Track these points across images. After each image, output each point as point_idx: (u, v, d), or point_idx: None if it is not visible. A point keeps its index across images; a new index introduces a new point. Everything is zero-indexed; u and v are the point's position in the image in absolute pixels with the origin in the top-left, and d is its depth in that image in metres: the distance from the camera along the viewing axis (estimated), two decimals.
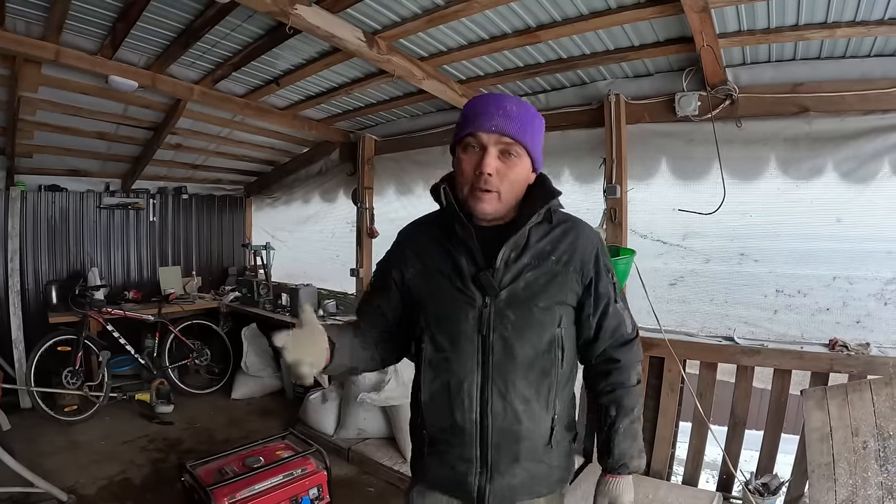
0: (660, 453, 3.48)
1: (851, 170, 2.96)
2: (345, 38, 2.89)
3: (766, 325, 3.27)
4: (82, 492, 3.49)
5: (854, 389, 2.76)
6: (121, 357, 5.33)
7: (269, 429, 4.44)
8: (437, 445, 1.44)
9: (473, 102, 1.42)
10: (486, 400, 1.37)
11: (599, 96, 3.62)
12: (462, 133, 1.37)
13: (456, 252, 1.41)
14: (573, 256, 1.43)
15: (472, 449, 1.39)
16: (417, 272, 1.47)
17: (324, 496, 2.92)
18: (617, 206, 3.52)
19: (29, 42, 3.06)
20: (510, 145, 1.34)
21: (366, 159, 5.24)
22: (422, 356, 1.44)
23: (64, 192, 5.69)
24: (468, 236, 1.38)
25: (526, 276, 1.38)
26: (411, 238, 1.54)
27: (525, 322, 1.37)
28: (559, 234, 1.44)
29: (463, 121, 1.39)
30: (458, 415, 1.38)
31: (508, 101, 1.38)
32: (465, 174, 1.37)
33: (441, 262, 1.43)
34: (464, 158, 1.37)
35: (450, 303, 1.40)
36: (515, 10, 2.78)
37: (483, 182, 1.33)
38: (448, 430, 1.41)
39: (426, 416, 1.45)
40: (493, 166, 1.33)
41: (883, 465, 2.58)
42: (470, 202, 1.36)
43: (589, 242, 1.47)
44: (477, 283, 1.37)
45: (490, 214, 1.38)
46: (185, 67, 3.72)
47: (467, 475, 1.40)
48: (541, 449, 1.42)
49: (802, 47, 2.94)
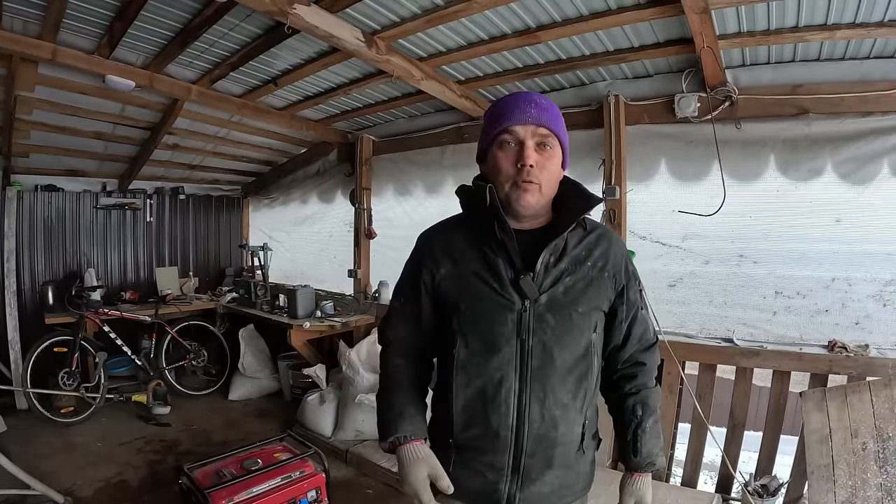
0: None
1: (851, 171, 2.96)
2: (343, 38, 2.88)
3: (765, 327, 3.26)
4: (79, 494, 3.47)
5: (853, 391, 2.77)
6: (117, 358, 5.31)
7: (267, 430, 4.43)
8: (466, 453, 1.40)
9: (502, 101, 1.41)
10: (524, 405, 1.34)
11: (599, 97, 3.62)
12: (496, 129, 1.36)
13: (493, 255, 1.37)
14: (607, 263, 1.44)
15: (504, 456, 1.36)
16: (449, 273, 1.42)
17: (322, 498, 2.90)
18: (616, 207, 3.52)
19: (25, 41, 3.05)
20: (546, 137, 1.35)
21: (364, 160, 5.23)
22: (454, 361, 1.39)
23: (60, 192, 5.66)
24: (509, 238, 1.34)
25: (565, 280, 1.38)
26: (440, 238, 1.48)
27: (565, 327, 1.36)
28: (593, 240, 1.45)
29: (493, 119, 1.38)
30: (494, 420, 1.35)
31: (536, 95, 1.39)
32: (505, 170, 1.35)
33: (477, 265, 1.39)
34: (500, 156, 1.36)
35: (487, 305, 1.36)
36: (515, 11, 2.78)
37: (526, 173, 1.32)
38: (480, 437, 1.37)
39: (457, 424, 1.39)
40: (534, 157, 1.32)
41: (882, 466, 2.58)
42: (512, 197, 1.34)
43: (620, 250, 1.49)
44: (516, 287, 1.35)
45: (533, 207, 1.36)
46: (183, 67, 3.71)
47: (498, 483, 1.38)
48: (572, 455, 1.42)
49: (802, 49, 2.95)
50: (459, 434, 1.39)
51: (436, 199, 4.68)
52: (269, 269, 6.15)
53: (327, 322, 5.00)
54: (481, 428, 1.36)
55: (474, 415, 1.37)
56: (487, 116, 1.43)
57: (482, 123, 1.46)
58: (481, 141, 1.44)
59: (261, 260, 6.09)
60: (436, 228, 1.53)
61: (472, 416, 1.37)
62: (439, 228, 1.53)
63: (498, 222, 1.34)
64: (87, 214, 5.90)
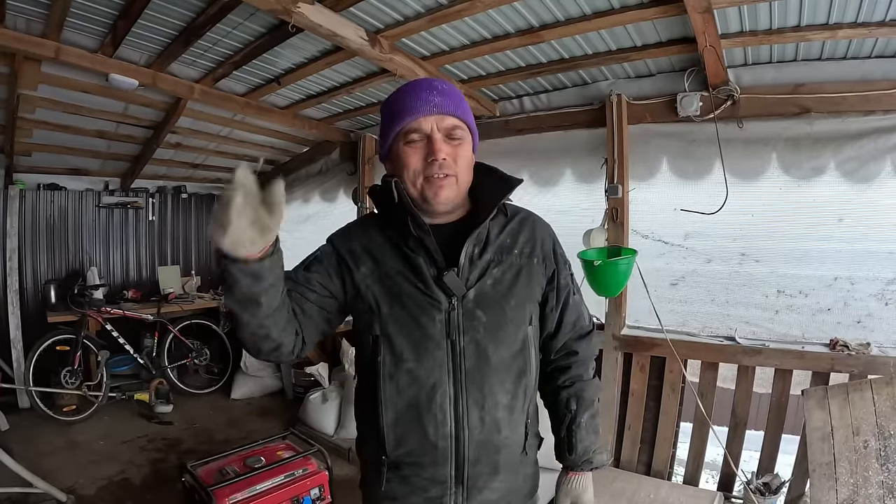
0: (661, 453, 3.49)
1: (853, 170, 2.96)
2: (347, 36, 2.89)
3: (767, 325, 3.27)
4: (81, 492, 3.48)
5: (855, 389, 2.77)
6: (120, 357, 5.32)
7: (269, 429, 4.44)
8: (402, 470, 1.29)
9: (400, 92, 1.30)
10: (462, 411, 1.24)
11: (601, 96, 3.62)
12: (399, 125, 1.25)
13: (412, 253, 1.27)
14: (534, 249, 1.37)
15: (446, 468, 1.26)
16: (371, 272, 1.30)
17: (325, 496, 2.91)
18: (618, 206, 3.52)
19: (29, 39, 3.04)
20: (454, 127, 1.26)
21: (366, 159, 5.24)
22: (379, 369, 1.26)
23: (63, 190, 5.67)
24: (425, 234, 1.25)
25: (493, 272, 1.30)
26: (359, 235, 1.36)
27: (498, 322, 1.27)
28: (516, 225, 1.38)
29: (394, 113, 1.27)
30: (431, 431, 1.24)
31: (435, 80, 1.30)
32: (413, 167, 1.25)
33: (396, 264, 1.29)
34: (407, 151, 1.25)
35: (411, 307, 1.25)
36: (518, 10, 2.78)
37: (438, 167, 1.23)
38: (417, 451, 1.26)
39: (389, 439, 1.27)
40: (445, 150, 1.24)
41: (884, 464, 2.58)
42: (428, 194, 1.25)
43: (546, 233, 1.42)
44: (440, 285, 1.25)
45: (451, 202, 1.28)
46: (186, 66, 3.71)
47: (442, 498, 1.28)
48: (517, 458, 1.34)
49: (804, 48, 2.95)
50: (393, 451, 1.28)
51: None
52: None
53: None
54: (417, 441, 1.26)
55: (408, 427, 1.26)
56: (386, 109, 1.31)
57: (381, 117, 1.35)
58: (383, 138, 1.33)
59: None
60: (350, 227, 1.43)
61: (406, 428, 1.26)
62: (356, 226, 1.42)
63: (411, 218, 1.24)
64: (90, 213, 5.91)
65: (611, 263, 3.17)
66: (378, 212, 1.40)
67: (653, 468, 3.50)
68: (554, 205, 3.93)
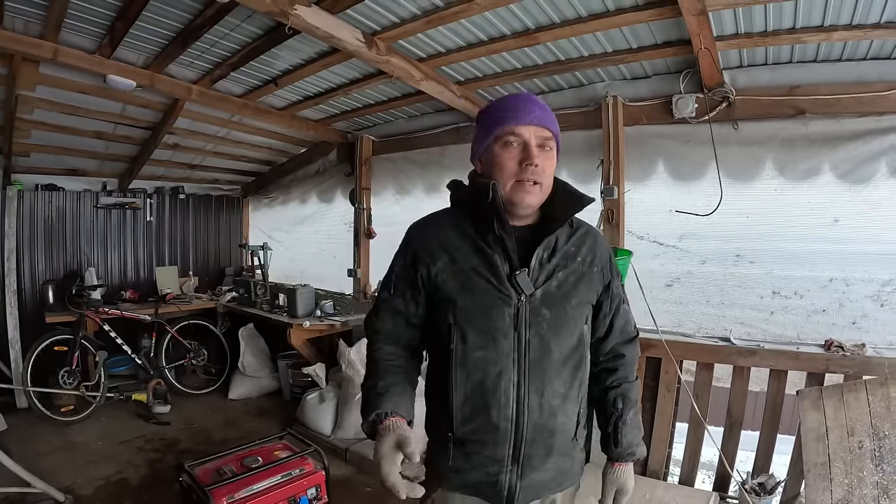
0: (657, 453, 3.49)
1: (848, 171, 2.98)
2: (344, 38, 2.90)
3: (762, 326, 3.28)
4: (79, 492, 3.48)
5: (850, 390, 2.78)
6: (117, 357, 5.33)
7: (267, 429, 4.44)
8: (465, 447, 1.41)
9: (504, 101, 1.43)
10: (523, 397, 1.36)
11: (597, 98, 3.64)
12: (500, 129, 1.37)
13: (490, 250, 1.39)
14: (595, 258, 1.49)
15: (504, 447, 1.38)
16: (446, 267, 1.42)
17: (322, 496, 2.92)
18: (614, 207, 3.54)
19: (27, 41, 3.06)
20: (547, 139, 1.38)
21: (363, 160, 5.25)
22: (451, 355, 1.39)
23: (61, 191, 5.68)
24: (507, 236, 1.37)
25: (558, 275, 1.42)
26: (434, 232, 1.48)
27: (560, 319, 1.40)
28: (580, 237, 1.50)
29: (496, 118, 1.39)
30: (495, 413, 1.36)
31: (535, 97, 1.43)
32: (508, 169, 1.37)
33: (473, 259, 1.41)
34: (503, 154, 1.37)
35: (485, 300, 1.38)
36: (514, 12, 2.79)
37: (531, 173, 1.35)
38: (480, 429, 1.39)
39: (456, 418, 1.40)
40: (538, 158, 1.35)
41: (878, 464, 2.60)
42: (515, 197, 1.37)
43: (605, 246, 1.55)
44: (511, 282, 1.37)
45: (533, 207, 1.41)
46: (184, 67, 3.72)
47: (499, 474, 1.40)
48: (569, 443, 1.46)
49: (799, 50, 2.96)
50: (459, 428, 1.40)
51: (435, 198, 4.68)
52: (269, 268, 6.16)
53: (327, 321, 5.01)
54: (481, 421, 1.38)
55: (474, 408, 1.38)
56: (487, 115, 1.44)
57: (478, 122, 1.48)
58: (480, 138, 1.45)
59: (260, 259, 6.10)
60: (427, 222, 1.54)
61: (472, 409, 1.38)
62: (431, 222, 1.53)
63: (498, 219, 1.36)
64: (88, 214, 5.92)
65: None
66: (453, 207, 1.53)
67: (649, 468, 3.51)
68: None
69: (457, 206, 1.52)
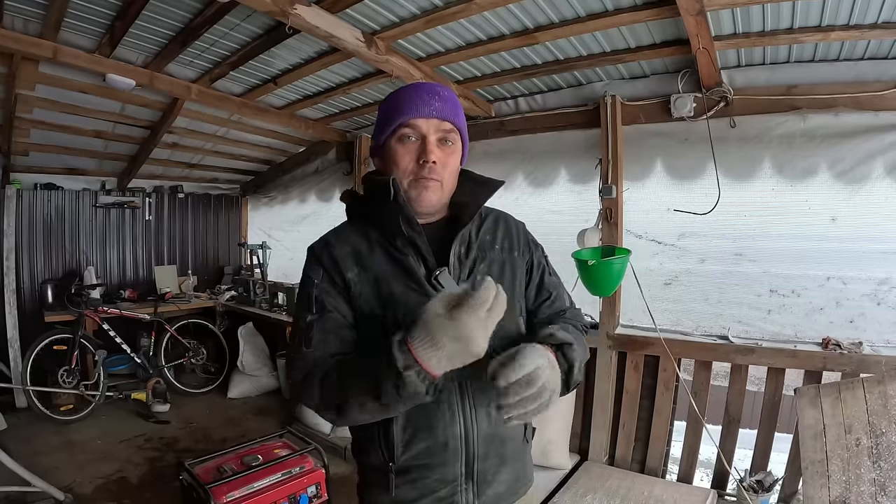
0: (655, 451, 3.51)
1: (845, 170, 2.99)
2: (344, 38, 2.90)
3: (760, 325, 3.29)
4: (79, 491, 3.49)
5: (847, 387, 2.79)
6: (117, 356, 5.33)
7: (266, 428, 4.45)
8: (411, 473, 1.26)
9: (402, 92, 1.31)
10: (469, 407, 1.25)
11: (596, 97, 3.65)
12: (397, 122, 1.26)
13: (401, 253, 1.27)
14: (511, 241, 1.41)
15: (455, 466, 1.25)
16: (359, 279, 1.26)
17: (322, 494, 2.94)
18: (613, 206, 3.54)
19: (27, 40, 3.06)
20: (448, 132, 1.28)
21: (362, 159, 5.25)
22: None
23: (60, 190, 5.68)
24: (417, 234, 1.24)
25: (479, 268, 1.32)
26: (339, 244, 1.32)
27: None
28: (491, 223, 1.41)
29: (393, 111, 1.28)
30: (440, 432, 1.23)
31: (437, 85, 1.32)
32: (404, 165, 1.26)
33: (386, 266, 1.27)
34: (400, 150, 1.27)
35: (409, 308, 1.21)
36: (513, 12, 2.80)
37: (428, 170, 1.24)
38: (425, 452, 1.24)
39: (398, 444, 1.24)
40: (437, 154, 1.25)
41: (875, 461, 2.61)
42: (412, 194, 1.26)
43: (516, 225, 1.47)
44: (432, 284, 1.25)
45: (434, 206, 1.30)
46: (183, 66, 3.72)
47: (454, 496, 1.27)
48: (521, 448, 1.38)
49: (797, 50, 2.97)
50: (402, 455, 1.25)
51: None
52: (268, 267, 6.17)
53: None
54: (427, 442, 1.24)
55: (417, 430, 1.24)
56: (385, 107, 1.32)
57: (378, 112, 1.36)
58: (378, 133, 1.33)
59: (259, 258, 6.11)
60: (327, 238, 1.37)
61: (415, 432, 1.24)
62: (331, 238, 1.36)
63: (404, 218, 1.23)
64: (87, 213, 5.92)
65: (605, 263, 3.19)
66: (352, 216, 1.41)
67: (647, 466, 3.52)
68: (548, 205, 3.96)
69: (357, 217, 1.39)
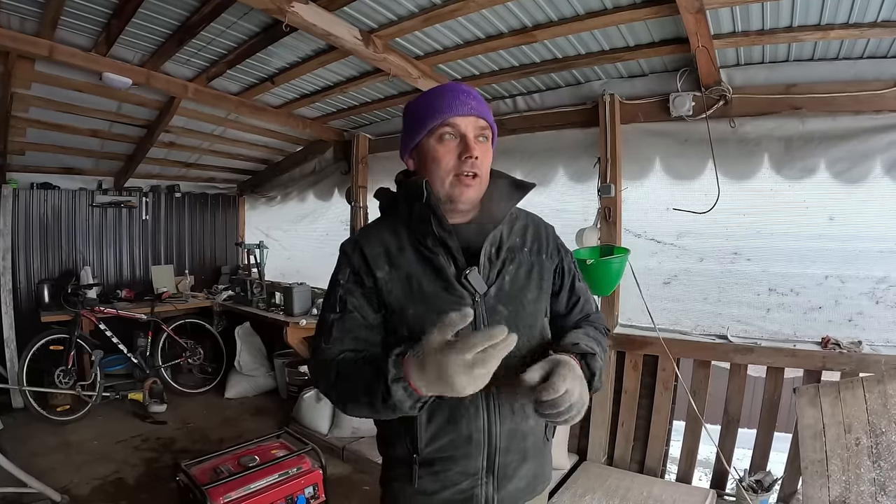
0: (654, 451, 3.51)
1: (844, 170, 2.99)
2: (341, 36, 2.89)
3: (759, 324, 3.29)
4: (76, 492, 3.47)
5: (846, 387, 2.79)
6: (113, 356, 5.30)
7: (263, 428, 4.44)
8: (434, 465, 1.30)
9: (437, 93, 1.33)
10: (493, 402, 1.28)
11: (594, 96, 3.64)
12: (435, 122, 1.27)
13: (432, 253, 1.29)
14: (541, 245, 1.43)
15: (478, 460, 1.29)
16: (389, 277, 1.30)
17: (319, 495, 2.92)
18: (611, 205, 3.54)
19: (23, 38, 3.04)
20: (484, 129, 1.31)
21: (360, 158, 5.23)
22: None
23: (56, 189, 5.65)
24: (449, 235, 1.27)
25: (508, 269, 1.35)
26: (370, 243, 1.34)
27: (518, 315, 1.32)
28: (521, 226, 1.44)
29: (429, 111, 1.29)
30: (464, 425, 1.27)
31: (466, 86, 1.35)
32: (447, 164, 1.28)
33: (417, 266, 1.30)
34: (440, 148, 1.28)
35: (438, 306, 1.24)
36: (512, 10, 2.79)
37: (471, 165, 1.27)
38: (449, 445, 1.28)
39: (422, 437, 1.28)
40: (478, 150, 1.28)
41: (875, 461, 2.61)
42: (455, 191, 1.29)
43: (546, 229, 1.49)
44: (462, 283, 1.28)
45: (473, 201, 1.33)
46: (180, 65, 3.71)
47: (473, 489, 1.30)
48: (542, 444, 1.40)
49: (796, 49, 2.97)
50: (426, 448, 1.29)
51: None
52: (266, 267, 6.14)
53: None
54: (451, 436, 1.28)
55: (442, 424, 1.28)
56: (418, 108, 1.34)
57: (407, 115, 1.38)
58: (412, 133, 1.34)
59: (257, 258, 6.09)
60: (361, 236, 1.39)
61: (440, 425, 1.28)
62: (364, 235, 1.38)
63: (436, 218, 1.26)
64: (83, 212, 5.89)
65: (603, 262, 3.19)
66: (385, 213, 1.44)
67: (646, 466, 3.52)
68: (547, 204, 3.95)
69: (389, 215, 1.41)
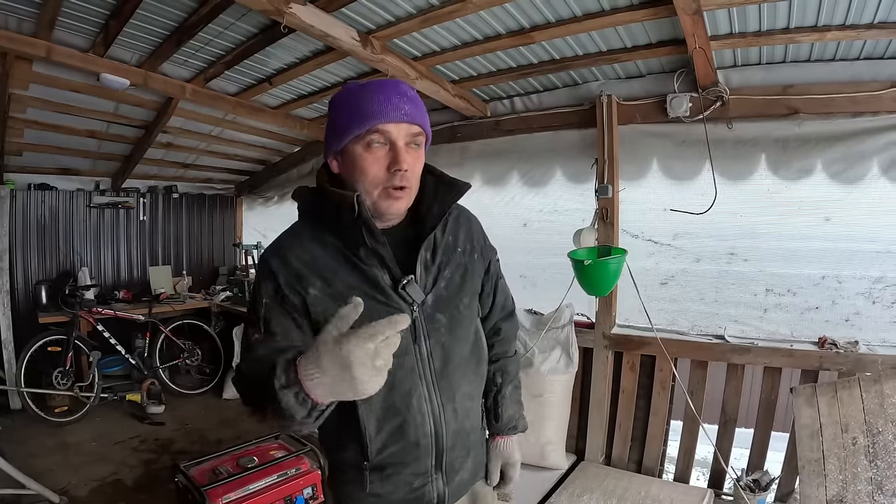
0: (651, 451, 3.51)
1: (840, 170, 2.99)
2: (339, 37, 2.89)
3: (756, 324, 3.30)
4: (74, 493, 3.47)
5: (843, 386, 2.80)
6: (111, 357, 5.32)
7: (261, 429, 4.39)
8: (385, 471, 1.32)
9: (366, 91, 1.20)
10: (437, 408, 1.30)
11: (591, 97, 3.64)
12: (363, 127, 1.16)
13: (365, 264, 1.23)
14: (473, 244, 1.43)
15: (427, 460, 1.33)
16: (323, 292, 1.22)
17: (318, 496, 2.93)
18: (608, 206, 3.54)
19: (20, 39, 3.03)
20: (417, 136, 1.22)
21: None
22: None
23: (54, 190, 5.63)
24: (381, 246, 1.21)
25: (444, 274, 1.33)
26: (298, 254, 1.25)
27: (455, 321, 1.34)
28: (453, 224, 1.40)
29: (356, 113, 1.18)
30: (412, 433, 1.28)
31: (402, 84, 1.23)
32: (374, 176, 1.19)
33: (351, 279, 1.23)
34: (367, 157, 1.18)
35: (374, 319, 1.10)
36: (509, 11, 2.79)
37: (400, 178, 1.18)
38: (399, 452, 1.30)
39: (371, 448, 1.28)
40: (408, 161, 1.19)
41: (872, 460, 2.61)
42: (382, 205, 1.21)
43: (477, 226, 1.49)
44: (399, 293, 1.24)
45: (403, 213, 1.28)
46: (178, 66, 3.70)
47: (425, 485, 1.35)
48: (480, 436, 1.50)
49: (793, 50, 2.98)
50: (376, 456, 1.30)
51: None
52: None
53: None
54: (400, 444, 1.29)
55: (390, 434, 1.28)
56: (345, 105, 1.21)
57: (333, 109, 1.26)
58: (338, 135, 1.22)
59: (255, 258, 6.09)
60: (285, 244, 1.29)
61: (389, 434, 1.28)
62: (289, 243, 1.28)
63: (367, 230, 1.19)
64: (81, 213, 5.88)
65: (601, 263, 3.19)
66: (307, 217, 1.34)
67: (643, 465, 3.53)
68: (544, 205, 3.96)
69: (312, 219, 1.32)
